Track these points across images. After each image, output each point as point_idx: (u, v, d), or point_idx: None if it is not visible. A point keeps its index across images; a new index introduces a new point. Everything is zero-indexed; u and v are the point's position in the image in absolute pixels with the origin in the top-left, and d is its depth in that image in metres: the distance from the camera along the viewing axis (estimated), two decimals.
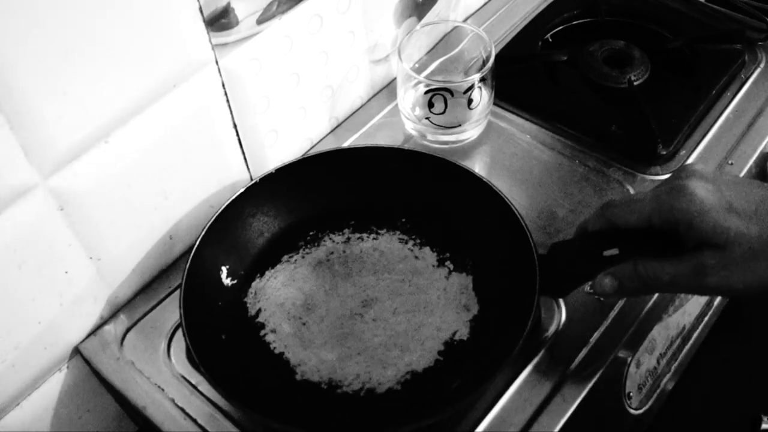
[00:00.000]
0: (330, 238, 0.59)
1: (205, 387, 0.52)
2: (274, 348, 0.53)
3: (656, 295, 0.56)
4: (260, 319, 0.55)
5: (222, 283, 0.56)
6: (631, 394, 0.56)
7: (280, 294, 0.56)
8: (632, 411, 0.56)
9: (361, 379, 0.51)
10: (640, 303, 0.54)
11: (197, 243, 0.54)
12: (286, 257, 0.58)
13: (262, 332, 0.54)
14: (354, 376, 0.51)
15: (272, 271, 0.57)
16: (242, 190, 0.57)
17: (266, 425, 0.48)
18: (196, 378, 0.53)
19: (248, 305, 0.56)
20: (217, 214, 0.55)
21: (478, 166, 0.66)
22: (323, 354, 0.52)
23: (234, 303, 0.56)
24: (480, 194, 0.56)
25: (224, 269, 0.56)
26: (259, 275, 0.57)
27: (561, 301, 0.54)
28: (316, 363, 0.52)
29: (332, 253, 0.58)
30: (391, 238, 0.59)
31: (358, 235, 0.59)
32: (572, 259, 0.50)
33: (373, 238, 0.59)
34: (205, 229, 0.55)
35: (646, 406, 0.58)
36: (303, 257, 0.58)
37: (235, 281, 0.57)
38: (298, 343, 0.53)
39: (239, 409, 0.50)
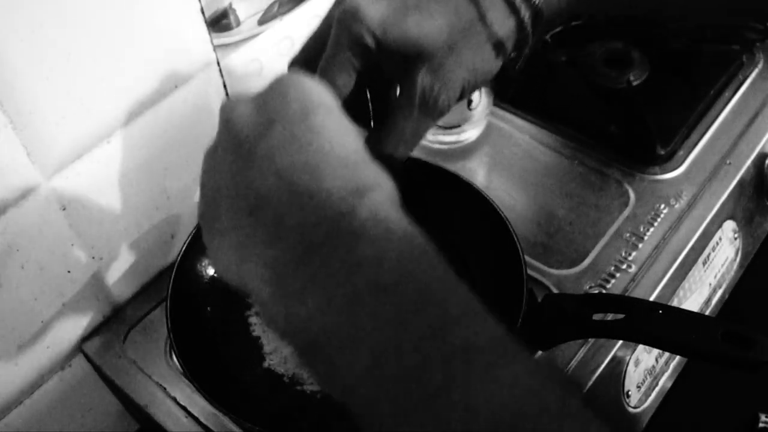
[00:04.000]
0: None
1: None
2: (253, 330, 0.54)
3: (656, 293, 0.56)
4: (250, 299, 0.56)
5: None
6: (630, 392, 0.56)
7: None
8: (631, 409, 0.57)
9: None
10: None
11: None
12: None
13: (247, 312, 0.55)
14: None
15: None
16: None
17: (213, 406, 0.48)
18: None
19: None
20: None
21: (478, 166, 0.67)
22: None
23: None
24: (496, 229, 0.53)
25: None
26: None
27: None
28: (286, 355, 0.53)
29: None
30: None
31: None
32: (561, 317, 0.48)
33: None
34: None
35: (645, 405, 0.58)
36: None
37: None
38: None
39: (185, 377, 0.50)
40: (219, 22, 0.52)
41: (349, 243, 0.28)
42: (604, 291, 0.56)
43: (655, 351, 0.58)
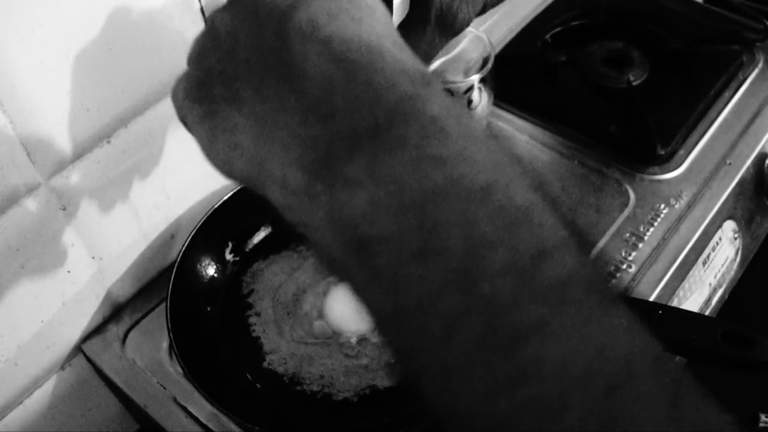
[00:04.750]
0: None
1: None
2: (253, 330, 0.54)
3: (656, 293, 0.56)
4: (250, 299, 0.56)
5: (224, 257, 0.57)
6: None
7: (275, 279, 0.57)
8: None
9: (322, 381, 0.51)
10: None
11: (207, 215, 0.56)
12: (293, 245, 0.59)
13: (248, 312, 0.55)
14: (317, 377, 0.52)
15: (276, 256, 0.58)
16: None
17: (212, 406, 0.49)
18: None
19: (243, 283, 0.57)
20: (234, 191, 0.57)
21: None
22: (295, 348, 0.53)
23: (231, 278, 0.57)
24: None
25: (231, 244, 0.58)
26: (263, 257, 0.58)
27: None
28: (285, 355, 0.53)
29: None
30: None
31: None
32: None
33: None
34: (218, 203, 0.56)
35: None
36: (308, 249, 0.59)
37: (237, 258, 0.58)
38: (276, 331, 0.54)
39: (185, 377, 0.50)
40: None
41: (426, 131, 0.22)
42: None
43: None
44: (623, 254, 0.58)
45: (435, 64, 0.72)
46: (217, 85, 0.26)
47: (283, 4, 0.25)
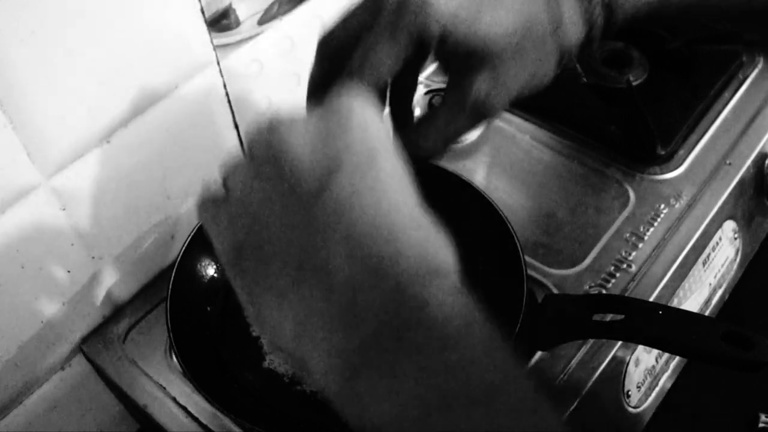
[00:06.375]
0: None
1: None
2: (253, 330, 0.54)
3: (656, 293, 0.56)
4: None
5: None
6: (630, 392, 0.56)
7: None
8: (631, 409, 0.56)
9: None
10: None
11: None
12: None
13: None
14: None
15: None
16: None
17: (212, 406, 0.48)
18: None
19: None
20: None
21: (478, 166, 0.67)
22: None
23: None
24: (496, 229, 0.53)
25: None
26: None
27: None
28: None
29: None
30: None
31: None
32: (561, 318, 0.48)
33: None
34: None
35: (645, 404, 0.58)
36: None
37: None
38: None
39: (185, 377, 0.50)
40: (219, 22, 0.52)
41: (435, 337, 0.26)
42: (604, 291, 0.56)
43: (655, 351, 0.58)
44: (623, 254, 0.58)
45: (435, 65, 0.72)
46: (253, 259, 0.29)
47: (312, 183, 0.27)
